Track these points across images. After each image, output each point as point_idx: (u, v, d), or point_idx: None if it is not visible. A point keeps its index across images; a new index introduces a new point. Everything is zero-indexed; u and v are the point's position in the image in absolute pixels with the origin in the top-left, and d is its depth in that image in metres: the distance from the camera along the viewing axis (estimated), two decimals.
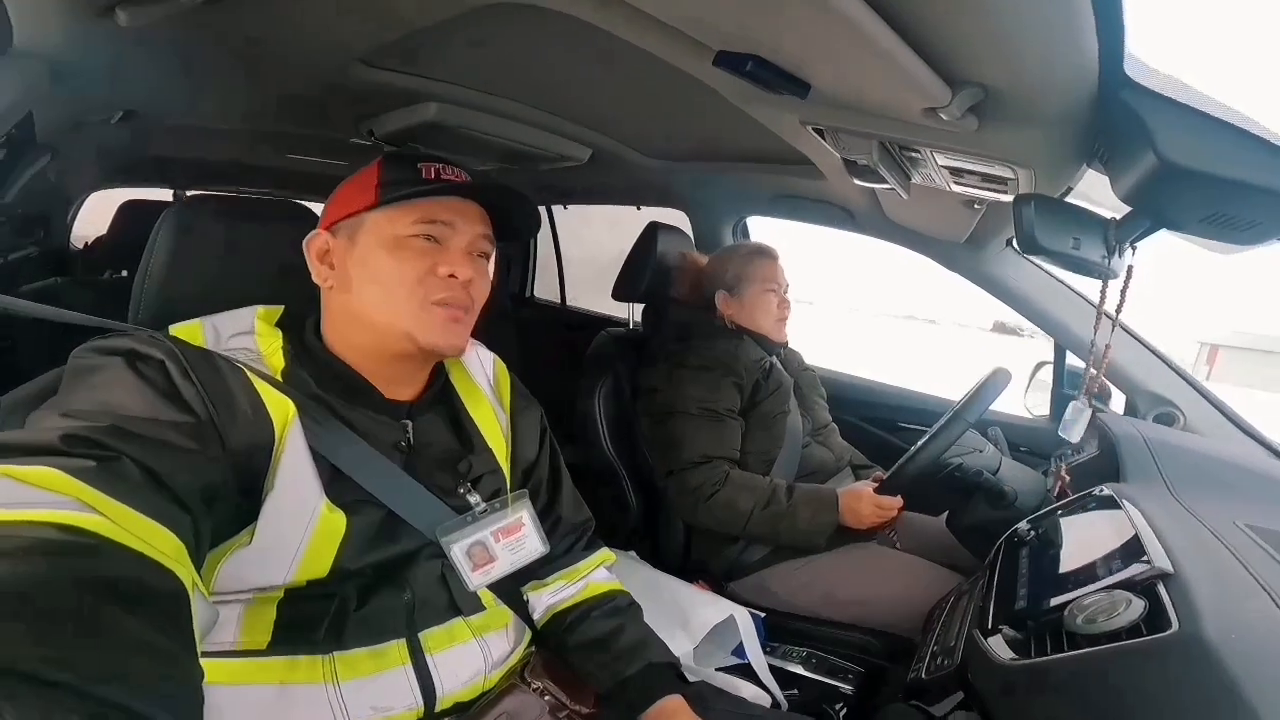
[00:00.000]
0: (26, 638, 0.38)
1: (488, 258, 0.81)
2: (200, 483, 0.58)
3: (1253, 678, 0.53)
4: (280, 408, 0.67)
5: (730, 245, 1.78)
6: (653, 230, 1.65)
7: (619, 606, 0.91)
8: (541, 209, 2.51)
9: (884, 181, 1.01)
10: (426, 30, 0.99)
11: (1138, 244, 0.81)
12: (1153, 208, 0.74)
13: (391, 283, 0.72)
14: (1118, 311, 0.86)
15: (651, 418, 1.48)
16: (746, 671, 1.16)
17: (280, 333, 0.74)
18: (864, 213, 1.55)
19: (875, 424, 1.84)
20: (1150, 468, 1.05)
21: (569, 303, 2.57)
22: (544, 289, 2.64)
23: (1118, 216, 0.80)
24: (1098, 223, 0.80)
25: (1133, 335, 1.36)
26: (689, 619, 1.17)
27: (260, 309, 0.76)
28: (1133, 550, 0.78)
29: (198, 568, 0.55)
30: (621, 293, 1.70)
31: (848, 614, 1.33)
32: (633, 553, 1.42)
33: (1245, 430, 1.26)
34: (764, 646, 1.24)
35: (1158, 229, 0.77)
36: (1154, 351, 1.35)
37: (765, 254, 1.52)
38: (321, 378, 0.73)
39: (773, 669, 1.22)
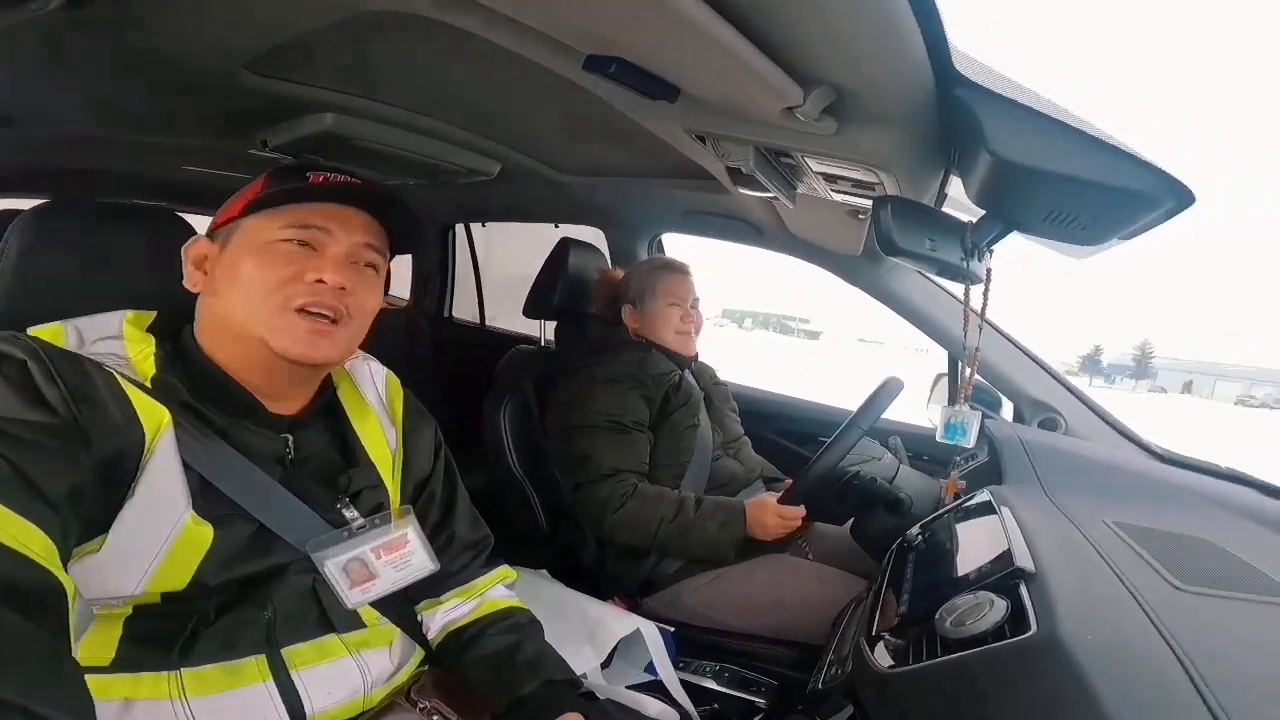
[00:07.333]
0: None
1: (376, 269, 0.78)
2: (66, 485, 0.55)
3: (1106, 678, 0.51)
4: (153, 415, 0.64)
5: (643, 260, 1.78)
6: (564, 246, 1.64)
7: (518, 623, 0.88)
8: (459, 227, 2.49)
9: (767, 190, 1.02)
10: (311, 37, 0.95)
11: (993, 247, 0.83)
12: (998, 208, 0.76)
13: (252, 285, 0.70)
14: (982, 312, 0.88)
15: (560, 432, 1.45)
16: (660, 688, 1.13)
17: (152, 338, 0.70)
18: (769, 227, 1.57)
19: (789, 438, 1.86)
20: (1027, 471, 1.08)
21: (489, 323, 2.52)
22: (462, 310, 2.58)
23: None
24: (955, 226, 0.82)
25: (1016, 345, 1.42)
26: (595, 633, 1.14)
27: (129, 313, 0.73)
28: (1002, 552, 0.78)
29: None
30: (533, 309, 1.68)
31: (762, 625, 1.32)
32: (544, 571, 1.37)
33: (1122, 432, 1.32)
34: (677, 662, 1.22)
35: (1009, 231, 0.80)
36: (1036, 360, 1.41)
37: (671, 268, 1.53)
38: (197, 386, 0.70)
39: (686, 685, 1.19)
